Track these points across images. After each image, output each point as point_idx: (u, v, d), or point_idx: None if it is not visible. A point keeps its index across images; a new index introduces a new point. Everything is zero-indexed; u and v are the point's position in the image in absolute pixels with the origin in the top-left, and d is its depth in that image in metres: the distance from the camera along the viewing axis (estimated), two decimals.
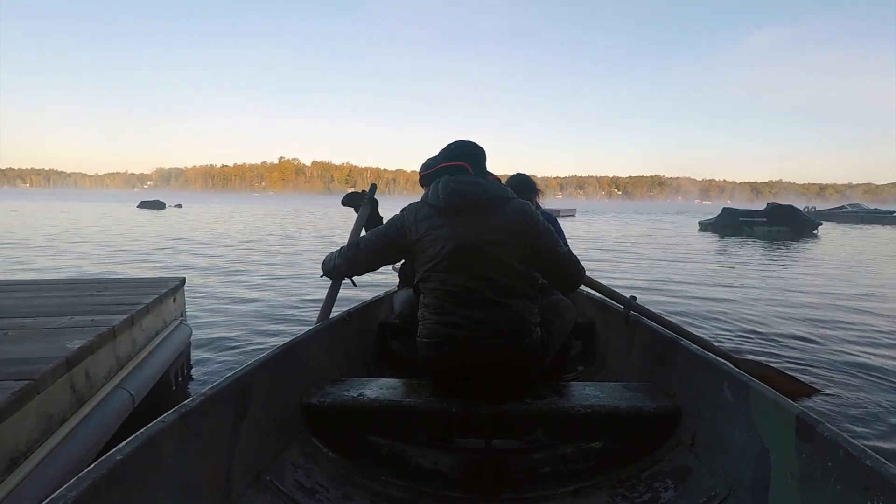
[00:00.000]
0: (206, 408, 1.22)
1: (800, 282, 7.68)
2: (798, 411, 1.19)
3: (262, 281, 6.86)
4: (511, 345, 1.56)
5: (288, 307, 5.24)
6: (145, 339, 2.54)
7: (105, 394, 2.04)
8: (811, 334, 4.32)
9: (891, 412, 2.69)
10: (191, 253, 9.97)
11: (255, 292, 5.98)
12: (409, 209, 1.75)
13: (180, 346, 2.87)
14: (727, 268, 9.42)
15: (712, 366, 1.60)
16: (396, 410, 1.60)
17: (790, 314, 5.17)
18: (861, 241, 17.40)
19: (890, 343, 4.13)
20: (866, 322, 4.89)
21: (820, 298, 6.20)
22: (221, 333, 4.02)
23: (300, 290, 6.18)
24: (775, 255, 12.19)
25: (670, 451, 1.56)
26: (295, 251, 11.05)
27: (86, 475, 0.87)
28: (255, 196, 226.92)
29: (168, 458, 1.06)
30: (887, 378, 3.22)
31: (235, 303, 5.32)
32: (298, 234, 16.57)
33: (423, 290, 1.68)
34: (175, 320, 3.03)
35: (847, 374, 3.30)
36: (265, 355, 1.56)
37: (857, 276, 8.39)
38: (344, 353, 2.19)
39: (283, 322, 4.53)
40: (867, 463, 0.97)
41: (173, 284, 3.06)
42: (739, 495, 1.28)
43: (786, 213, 21.13)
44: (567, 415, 1.57)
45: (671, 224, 29.30)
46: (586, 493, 1.50)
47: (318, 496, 1.40)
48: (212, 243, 12.13)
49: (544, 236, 1.68)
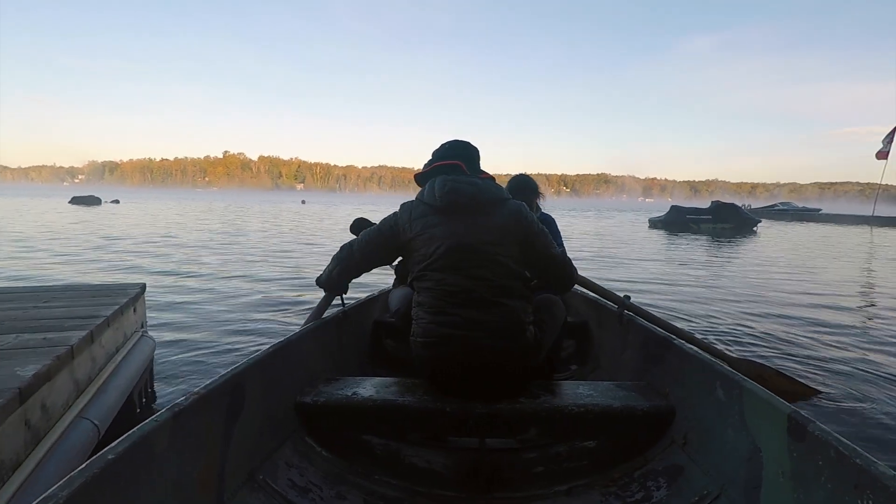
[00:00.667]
0: (199, 406, 1.21)
1: (774, 280, 7.95)
2: (790, 411, 1.20)
3: (216, 281, 6.42)
4: (507, 344, 1.56)
5: (249, 308, 4.92)
6: (105, 357, 2.21)
7: (65, 427, 1.72)
8: (795, 333, 4.41)
9: (886, 413, 2.71)
10: (136, 253, 9.18)
11: (210, 293, 5.57)
12: (404, 208, 1.74)
13: (144, 362, 2.54)
14: (692, 266, 9.69)
15: (705, 365, 1.61)
16: (391, 409, 1.60)
17: (765, 311, 5.30)
18: (801, 238, 18.47)
19: (883, 341, 4.26)
20: (843, 319, 5.07)
21: (790, 297, 6.42)
22: (181, 342, 3.66)
23: (258, 290, 5.84)
24: (734, 253, 12.70)
25: (663, 450, 1.57)
26: (246, 249, 10.49)
27: (77, 474, 0.86)
28: (198, 191, 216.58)
29: (160, 457, 1.06)
30: (880, 374, 3.29)
31: (190, 304, 4.93)
32: (246, 230, 15.87)
33: (418, 289, 1.67)
34: (136, 332, 2.68)
35: (839, 372, 3.35)
36: (259, 354, 1.55)
37: (820, 274, 8.80)
38: (338, 351, 2.17)
39: (245, 323, 4.23)
40: (858, 462, 0.97)
41: (133, 292, 2.70)
42: (731, 494, 1.28)
43: (729, 211, 22.25)
44: (561, 414, 1.58)
45: (621, 221, 30.20)
46: (579, 492, 1.50)
47: (311, 495, 1.39)
48: (158, 242, 11.31)
49: (539, 238, 1.69)
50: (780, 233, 21.41)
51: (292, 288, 6.12)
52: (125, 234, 13.16)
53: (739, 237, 18.16)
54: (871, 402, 2.82)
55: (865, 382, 3.13)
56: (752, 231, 21.12)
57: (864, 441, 2.36)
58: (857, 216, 34.97)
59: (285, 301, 5.32)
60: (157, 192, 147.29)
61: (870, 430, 2.51)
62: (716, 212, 22.09)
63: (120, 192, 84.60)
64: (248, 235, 14.24)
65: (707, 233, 20.02)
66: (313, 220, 23.33)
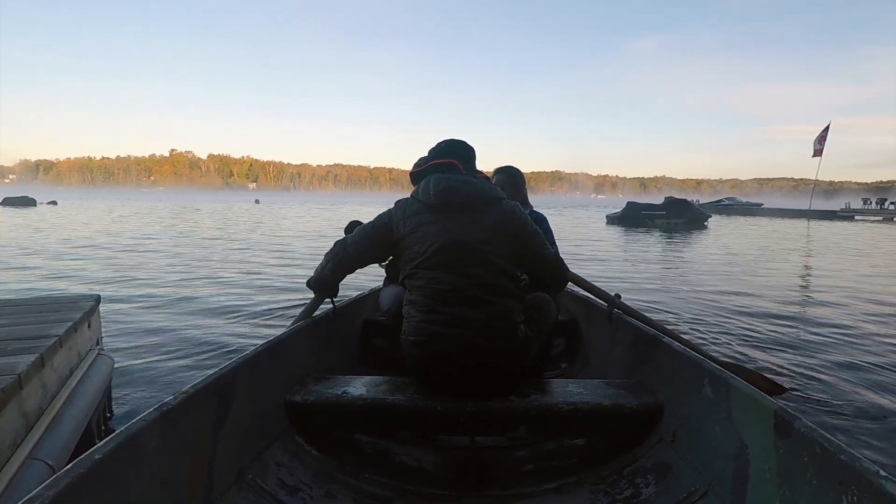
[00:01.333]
0: (187, 406, 1.20)
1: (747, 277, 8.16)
2: (776, 407, 1.20)
3: (172, 287, 5.99)
4: (498, 343, 1.57)
5: (211, 315, 4.59)
6: (58, 383, 1.93)
7: (14, 471, 1.46)
8: (773, 329, 4.50)
9: (864, 408, 2.74)
10: (81, 259, 8.47)
11: (165, 301, 5.17)
12: (398, 205, 1.73)
13: (101, 385, 2.25)
14: (661, 263, 9.88)
15: (693, 363, 1.61)
16: (381, 408, 1.61)
17: (737, 306, 5.40)
18: (752, 232, 19.33)
19: (851, 336, 4.38)
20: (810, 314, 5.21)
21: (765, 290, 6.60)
22: (141, 357, 3.34)
23: (218, 296, 5.45)
24: (697, 247, 13.08)
25: (651, 447, 1.58)
26: (199, 251, 9.89)
27: (64, 474, 0.86)
28: (143, 191, 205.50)
29: (148, 457, 1.05)
30: (855, 369, 3.36)
31: (145, 314, 4.55)
32: (196, 231, 15.12)
33: (410, 287, 1.67)
34: (91, 351, 2.38)
35: (811, 368, 3.40)
36: (248, 353, 1.54)
37: (786, 268, 9.12)
38: (328, 350, 2.16)
39: (211, 333, 3.90)
40: (842, 458, 0.98)
41: (87, 305, 2.41)
42: (719, 491, 1.29)
43: (681, 206, 23.03)
44: (550, 412, 1.59)
45: (578, 217, 30.80)
46: (569, 489, 1.51)
47: (301, 494, 1.39)
48: (103, 246, 10.53)
49: (532, 239, 1.69)
50: (730, 227, 22.36)
51: (258, 291, 5.80)
52: (67, 238, 12.21)
53: (692, 232, 18.81)
54: (839, 396, 2.87)
55: (832, 376, 3.20)
56: (704, 226, 21.92)
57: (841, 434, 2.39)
58: (796, 210, 37.06)
59: (250, 305, 5.02)
60: (99, 193, 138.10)
61: (838, 422, 2.55)
62: (669, 207, 22.81)
63: (57, 193, 79.45)
64: (199, 237, 13.52)
65: (661, 228, 20.67)
66: (273, 218, 22.54)
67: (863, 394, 2.89)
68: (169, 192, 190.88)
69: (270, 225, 19.06)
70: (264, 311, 4.79)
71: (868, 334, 4.24)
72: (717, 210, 37.67)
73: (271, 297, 5.44)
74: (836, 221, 29.99)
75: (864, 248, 13.12)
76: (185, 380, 2.93)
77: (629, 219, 22.68)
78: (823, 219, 32.55)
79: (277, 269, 7.73)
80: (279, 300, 5.32)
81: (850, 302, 5.69)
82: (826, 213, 36.18)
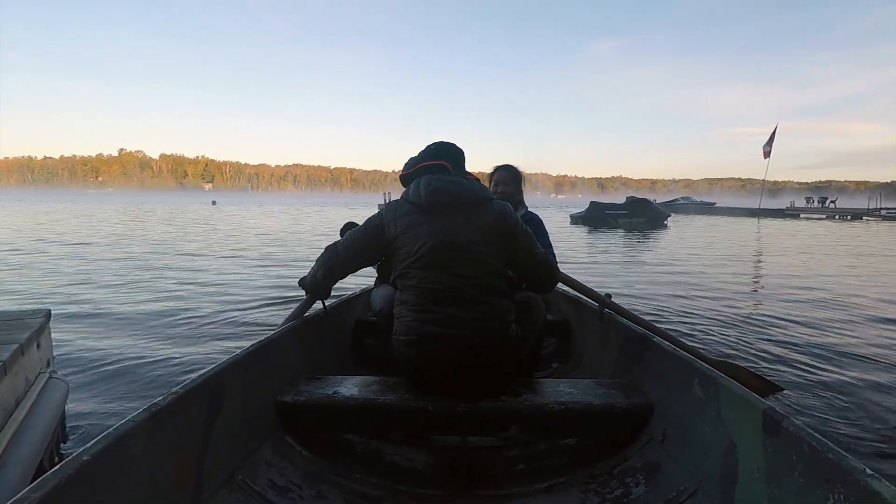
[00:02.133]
0: (177, 406, 1.19)
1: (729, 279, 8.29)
2: (765, 407, 1.21)
3: (127, 298, 5.51)
4: (490, 343, 1.57)
5: (169, 327, 4.25)
6: (3, 415, 1.65)
7: None
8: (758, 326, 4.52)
9: (855, 406, 2.73)
10: (16, 268, 7.65)
11: (121, 314, 4.72)
12: (389, 206, 1.73)
13: (54, 413, 1.95)
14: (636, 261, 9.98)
15: (683, 363, 1.62)
16: (372, 408, 1.60)
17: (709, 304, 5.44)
18: (710, 230, 19.94)
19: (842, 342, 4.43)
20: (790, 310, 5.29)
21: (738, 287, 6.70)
22: (96, 378, 3.01)
23: (175, 307, 5.05)
24: (665, 246, 13.31)
25: (642, 446, 1.59)
26: (151, 256, 9.27)
27: (51, 476, 0.85)
28: (90, 193, 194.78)
29: (137, 458, 1.04)
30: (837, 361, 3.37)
31: (98, 329, 4.15)
32: (148, 236, 14.29)
33: (401, 287, 1.66)
34: (42, 374, 2.08)
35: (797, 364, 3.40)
36: (239, 353, 1.54)
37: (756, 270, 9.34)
38: (319, 350, 2.15)
39: (174, 346, 3.57)
40: (830, 456, 0.99)
41: (35, 323, 2.10)
42: (708, 490, 1.30)
43: (643, 206, 23.59)
44: (542, 412, 1.60)
45: (542, 217, 31.03)
46: (559, 489, 1.52)
47: (291, 495, 1.39)
48: (44, 252, 9.71)
49: (522, 240, 1.70)
50: (689, 226, 23.05)
51: (213, 302, 5.42)
52: (4, 243, 11.31)
53: (654, 231, 19.27)
54: (833, 393, 2.86)
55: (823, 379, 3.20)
56: (664, 225, 22.52)
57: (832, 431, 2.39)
58: (747, 209, 38.73)
59: (213, 314, 4.68)
60: (40, 194, 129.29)
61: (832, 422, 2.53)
62: (631, 207, 23.32)
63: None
64: (148, 243, 12.77)
65: (623, 227, 21.09)
66: (237, 221, 21.64)
67: (869, 398, 2.86)
68: (118, 194, 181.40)
69: (228, 228, 18.33)
70: (227, 322, 4.49)
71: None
72: (672, 209, 38.89)
73: (231, 307, 5.11)
74: (785, 220, 31.45)
75: (835, 248, 13.69)
76: (151, 396, 2.64)
77: (592, 218, 23.03)
78: (773, 217, 34.13)
79: (236, 276, 7.32)
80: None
81: (852, 300, 5.83)
82: (775, 211, 37.96)
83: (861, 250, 12.39)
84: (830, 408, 2.68)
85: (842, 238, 16.52)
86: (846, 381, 3.05)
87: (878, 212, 34.36)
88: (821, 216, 34.94)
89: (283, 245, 12.05)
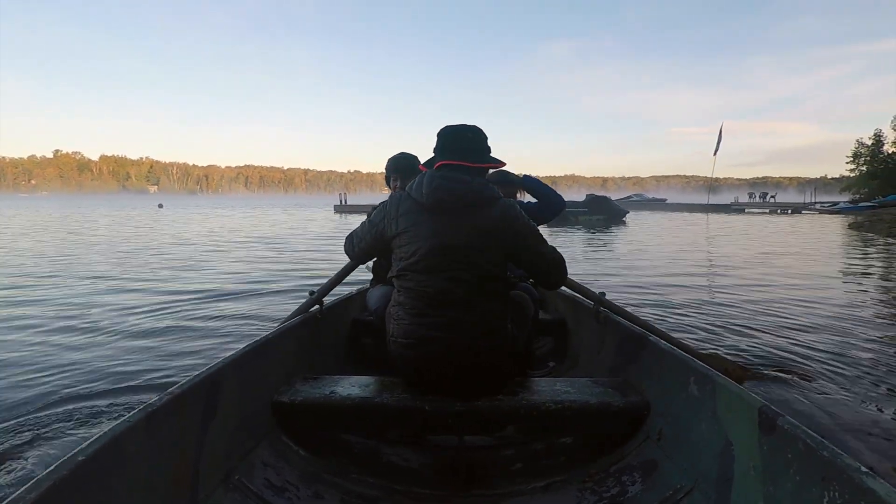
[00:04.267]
0: (173, 407, 1.20)
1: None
2: (760, 405, 1.22)
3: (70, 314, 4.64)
4: (486, 344, 1.57)
5: (123, 350, 3.57)
6: None
7: None
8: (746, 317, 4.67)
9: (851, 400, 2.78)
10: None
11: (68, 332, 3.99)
12: (392, 199, 1.70)
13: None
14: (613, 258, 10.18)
15: (679, 361, 1.64)
16: (369, 408, 1.61)
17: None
18: (668, 224, 20.64)
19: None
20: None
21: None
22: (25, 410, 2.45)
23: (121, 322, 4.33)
24: (639, 242, 13.61)
25: (638, 445, 1.60)
26: (83, 266, 8.29)
27: (45, 476, 0.85)
28: (22, 197, 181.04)
29: (132, 459, 1.04)
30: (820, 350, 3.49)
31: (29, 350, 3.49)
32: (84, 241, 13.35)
33: (399, 288, 1.66)
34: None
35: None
36: (235, 353, 1.55)
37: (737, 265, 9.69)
38: (316, 350, 2.16)
39: (125, 366, 3.15)
40: (825, 454, 1.00)
41: None
42: (704, 488, 1.31)
43: (602, 203, 24.26)
44: (538, 411, 1.60)
45: None
46: (556, 488, 1.52)
47: (287, 495, 1.39)
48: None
49: (530, 237, 1.68)
50: (648, 222, 23.79)
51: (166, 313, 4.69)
52: None
53: (614, 227, 19.81)
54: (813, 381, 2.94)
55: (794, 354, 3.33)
56: (623, 221, 23.21)
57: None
58: (696, 204, 40.64)
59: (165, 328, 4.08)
60: None
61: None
62: (591, 204, 23.92)
63: None
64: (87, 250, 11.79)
65: (583, 224, 21.50)
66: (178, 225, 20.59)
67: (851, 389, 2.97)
68: (53, 198, 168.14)
69: (172, 231, 17.47)
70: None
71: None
72: (627, 205, 40.24)
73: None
74: (731, 214, 33.12)
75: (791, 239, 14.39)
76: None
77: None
78: (720, 212, 35.89)
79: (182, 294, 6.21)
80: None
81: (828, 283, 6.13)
82: (722, 206, 39.95)
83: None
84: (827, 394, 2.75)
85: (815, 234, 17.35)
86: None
87: (813, 205, 36.73)
88: (763, 210, 37.07)
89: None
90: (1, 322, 4.37)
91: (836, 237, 15.18)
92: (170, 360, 3.29)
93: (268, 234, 16.21)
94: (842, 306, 5.11)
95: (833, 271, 7.91)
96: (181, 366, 3.18)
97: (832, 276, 7.45)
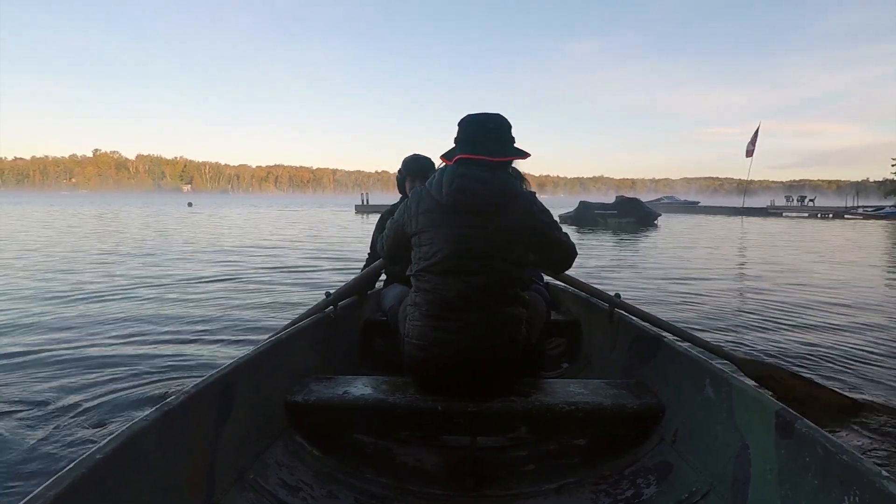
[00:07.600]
0: (188, 406, 1.21)
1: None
2: (777, 408, 1.20)
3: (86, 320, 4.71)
4: (502, 347, 1.57)
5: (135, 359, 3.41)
6: None
7: None
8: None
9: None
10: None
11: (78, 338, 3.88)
12: (413, 196, 1.67)
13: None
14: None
15: (695, 363, 1.62)
16: (382, 408, 1.61)
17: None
18: (702, 228, 19.92)
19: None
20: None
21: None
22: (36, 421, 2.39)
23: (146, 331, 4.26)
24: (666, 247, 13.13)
25: (653, 447, 1.59)
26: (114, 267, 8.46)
27: (66, 474, 0.86)
28: (64, 195, 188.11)
29: (149, 457, 1.06)
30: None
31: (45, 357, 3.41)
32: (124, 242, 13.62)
33: (416, 288, 1.66)
34: None
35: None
36: (250, 353, 1.57)
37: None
38: (329, 350, 2.18)
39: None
40: (844, 458, 0.98)
41: None
42: (720, 491, 1.30)
43: (632, 205, 23.60)
44: (551, 412, 1.59)
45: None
46: (569, 489, 1.52)
47: (301, 494, 1.39)
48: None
49: (552, 228, 1.68)
50: (678, 225, 23.09)
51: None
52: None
53: (644, 230, 19.20)
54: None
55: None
56: (654, 224, 22.52)
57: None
58: (731, 208, 39.26)
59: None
60: (12, 196, 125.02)
61: None
62: (620, 206, 23.27)
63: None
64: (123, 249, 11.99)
65: (612, 227, 20.93)
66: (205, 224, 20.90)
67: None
68: (93, 195, 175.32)
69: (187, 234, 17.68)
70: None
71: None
72: (658, 208, 39.36)
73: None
74: (767, 218, 31.83)
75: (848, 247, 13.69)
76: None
77: (582, 218, 22.84)
78: (756, 216, 34.56)
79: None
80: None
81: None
82: (758, 210, 38.51)
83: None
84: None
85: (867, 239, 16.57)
86: None
87: (856, 210, 35.04)
88: (802, 214, 35.52)
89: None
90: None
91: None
92: None
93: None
94: None
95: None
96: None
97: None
